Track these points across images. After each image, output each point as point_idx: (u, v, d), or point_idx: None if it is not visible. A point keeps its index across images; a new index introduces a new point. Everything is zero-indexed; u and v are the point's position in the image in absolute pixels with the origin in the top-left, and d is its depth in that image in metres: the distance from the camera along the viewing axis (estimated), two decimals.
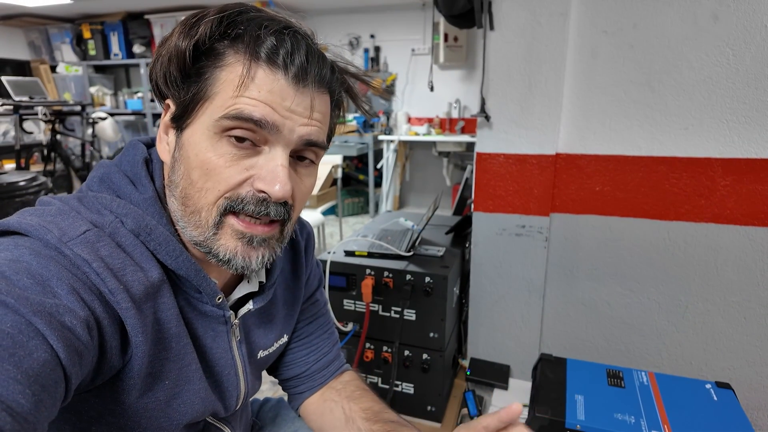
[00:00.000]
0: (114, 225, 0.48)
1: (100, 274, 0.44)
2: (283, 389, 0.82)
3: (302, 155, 0.54)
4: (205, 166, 0.49)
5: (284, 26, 0.50)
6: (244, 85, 0.48)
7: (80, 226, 0.46)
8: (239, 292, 0.62)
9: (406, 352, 1.38)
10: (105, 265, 0.45)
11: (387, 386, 1.40)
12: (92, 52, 4.95)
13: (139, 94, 5.04)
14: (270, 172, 0.49)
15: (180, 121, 0.51)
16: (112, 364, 0.46)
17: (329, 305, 0.89)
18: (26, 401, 0.34)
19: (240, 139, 0.49)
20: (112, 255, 0.46)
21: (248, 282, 0.63)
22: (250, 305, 0.62)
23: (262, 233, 0.52)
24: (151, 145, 0.58)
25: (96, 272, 0.44)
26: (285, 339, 0.74)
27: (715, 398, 1.04)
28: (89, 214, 0.48)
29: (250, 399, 0.82)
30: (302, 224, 0.77)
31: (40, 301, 0.39)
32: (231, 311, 0.59)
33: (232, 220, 0.51)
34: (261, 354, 0.68)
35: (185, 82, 0.50)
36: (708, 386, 1.08)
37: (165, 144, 0.54)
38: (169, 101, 0.53)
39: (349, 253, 1.44)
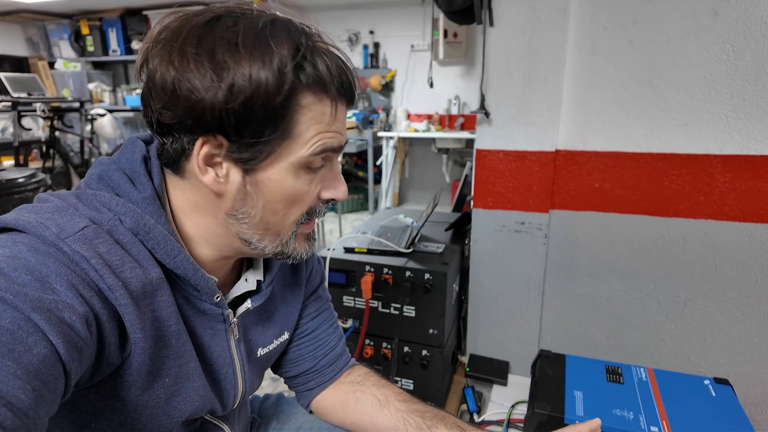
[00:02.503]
0: (112, 222, 0.48)
1: (98, 270, 0.44)
2: (291, 387, 0.82)
3: None
4: (292, 197, 0.54)
5: (341, 58, 0.53)
6: (328, 123, 0.52)
7: (78, 222, 0.46)
8: (237, 290, 0.62)
9: (406, 349, 1.38)
10: (103, 262, 0.44)
11: None
12: (90, 48, 4.93)
13: (138, 91, 5.02)
14: (335, 181, 0.57)
15: (251, 162, 0.50)
16: (111, 361, 0.46)
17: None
18: (26, 397, 0.34)
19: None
20: (111, 252, 0.46)
21: (246, 281, 0.63)
22: (248, 304, 0.62)
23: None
24: (149, 141, 0.58)
25: (94, 268, 0.44)
26: (286, 336, 0.74)
27: (714, 394, 1.04)
28: (87, 211, 0.48)
29: (247, 398, 0.82)
30: None
31: (39, 297, 0.39)
32: (229, 309, 0.59)
33: (302, 228, 0.58)
34: (261, 352, 0.69)
35: (264, 124, 0.48)
36: (706, 382, 1.08)
37: (213, 175, 0.51)
38: (220, 138, 0.49)
39: (348, 250, 1.44)
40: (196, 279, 0.53)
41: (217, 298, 0.56)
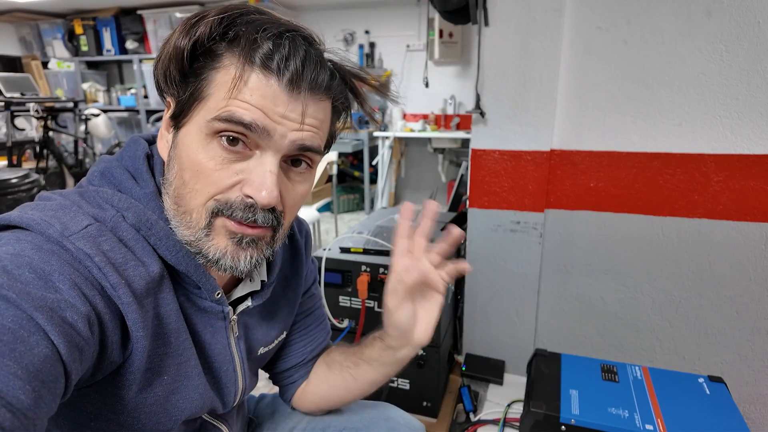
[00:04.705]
0: (115, 219, 0.48)
1: (102, 268, 0.44)
2: (275, 382, 0.83)
3: (298, 159, 0.53)
4: (196, 167, 0.49)
5: (285, 30, 0.49)
6: (237, 89, 0.47)
7: (82, 220, 0.46)
8: (241, 290, 0.62)
9: None
10: (107, 260, 0.45)
11: None
12: (84, 48, 4.90)
13: (133, 91, 4.99)
14: (258, 177, 0.49)
15: (177, 120, 0.52)
16: (112, 360, 0.46)
17: (324, 300, 0.90)
18: (26, 397, 0.34)
19: (232, 142, 0.48)
20: (114, 249, 0.46)
21: (251, 281, 0.63)
22: (248, 302, 0.62)
23: (251, 234, 0.51)
24: (152, 141, 0.59)
25: (98, 267, 0.44)
26: (284, 335, 0.75)
27: (708, 392, 1.05)
28: (90, 209, 0.48)
29: (246, 396, 0.82)
30: (299, 222, 0.77)
31: (42, 296, 0.39)
32: (230, 307, 0.59)
33: (223, 221, 0.50)
34: (261, 351, 0.69)
35: (184, 81, 0.50)
36: (701, 380, 1.09)
37: (165, 141, 0.54)
38: (169, 99, 0.53)
39: (344, 250, 1.44)
40: (198, 276, 0.53)
41: (217, 294, 0.56)
